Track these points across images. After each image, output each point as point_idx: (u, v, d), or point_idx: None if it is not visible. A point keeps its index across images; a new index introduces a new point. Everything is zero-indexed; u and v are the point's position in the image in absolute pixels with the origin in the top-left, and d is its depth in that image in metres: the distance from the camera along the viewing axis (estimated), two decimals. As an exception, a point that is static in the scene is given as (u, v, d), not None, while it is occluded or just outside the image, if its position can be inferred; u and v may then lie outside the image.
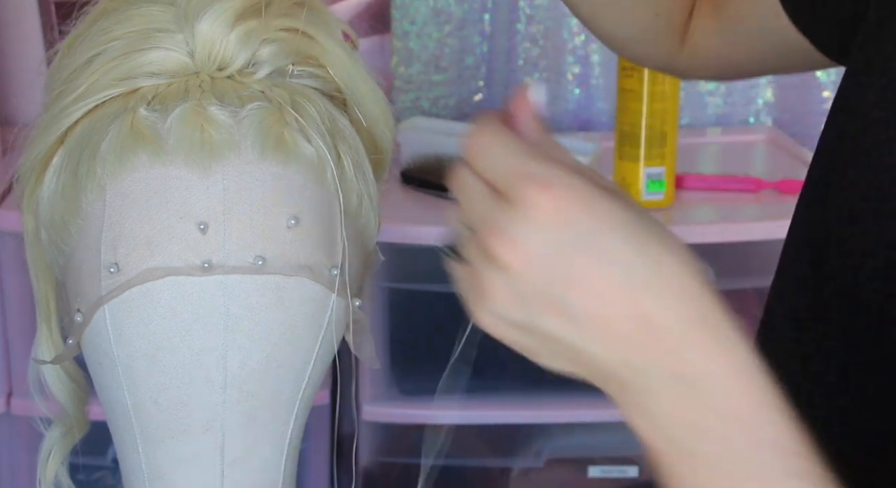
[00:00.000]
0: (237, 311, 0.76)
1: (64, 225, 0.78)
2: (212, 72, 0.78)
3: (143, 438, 0.79)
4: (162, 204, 0.75)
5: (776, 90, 2.07)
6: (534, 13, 2.01)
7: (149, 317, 0.76)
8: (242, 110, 0.76)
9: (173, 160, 0.75)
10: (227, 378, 0.77)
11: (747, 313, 1.77)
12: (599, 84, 2.05)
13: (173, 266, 0.75)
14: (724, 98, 2.08)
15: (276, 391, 0.78)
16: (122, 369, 0.77)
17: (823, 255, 0.85)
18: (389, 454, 1.79)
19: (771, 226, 1.74)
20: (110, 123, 0.76)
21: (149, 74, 0.78)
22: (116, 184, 0.76)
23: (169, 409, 0.77)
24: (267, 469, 0.80)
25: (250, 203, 0.76)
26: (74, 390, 0.87)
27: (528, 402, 1.79)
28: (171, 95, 0.77)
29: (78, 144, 0.78)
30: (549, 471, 1.78)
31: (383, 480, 1.81)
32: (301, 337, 0.78)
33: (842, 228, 0.83)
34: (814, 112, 2.09)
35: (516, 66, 2.04)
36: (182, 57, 0.78)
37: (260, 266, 0.75)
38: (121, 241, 0.76)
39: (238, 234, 0.75)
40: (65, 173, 0.78)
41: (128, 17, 0.79)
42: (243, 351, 0.77)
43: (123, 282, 0.75)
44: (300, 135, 0.77)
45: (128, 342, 0.76)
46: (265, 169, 0.76)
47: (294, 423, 0.80)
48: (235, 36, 0.78)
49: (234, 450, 0.78)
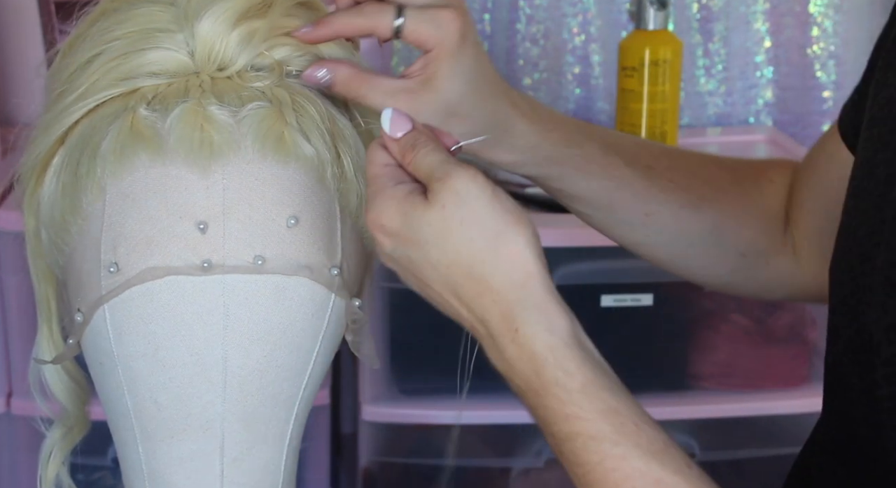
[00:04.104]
0: (237, 311, 0.76)
1: (64, 225, 0.78)
2: (212, 72, 0.78)
3: (143, 437, 0.79)
4: (162, 203, 0.75)
5: (776, 90, 2.07)
6: (534, 13, 2.01)
7: (149, 316, 0.76)
8: (242, 110, 0.76)
9: (173, 160, 0.75)
10: (227, 377, 0.77)
11: (747, 311, 1.77)
12: (599, 84, 2.05)
13: (173, 265, 0.75)
14: (724, 98, 2.07)
15: (276, 391, 0.78)
16: (121, 369, 0.77)
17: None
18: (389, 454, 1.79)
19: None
20: (110, 123, 0.76)
21: (149, 74, 0.78)
22: (116, 184, 0.76)
23: (169, 409, 0.77)
24: (267, 468, 0.80)
25: (250, 203, 0.76)
26: (75, 390, 0.87)
27: (528, 402, 1.78)
28: (171, 95, 0.77)
29: (78, 144, 0.78)
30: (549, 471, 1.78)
31: (383, 480, 1.81)
32: (301, 337, 0.78)
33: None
34: (814, 112, 2.09)
35: (516, 66, 2.04)
36: (182, 57, 0.78)
37: (259, 266, 0.76)
38: (121, 241, 0.76)
39: (238, 234, 0.75)
40: (65, 173, 0.78)
41: (128, 18, 0.79)
42: (243, 350, 0.77)
43: (123, 282, 0.75)
44: (300, 135, 0.77)
45: (127, 341, 0.76)
46: (265, 168, 0.76)
47: (294, 423, 0.80)
48: (236, 36, 0.78)
49: (233, 450, 0.78)
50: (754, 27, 2.03)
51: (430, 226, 0.71)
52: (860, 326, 0.78)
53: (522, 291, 0.71)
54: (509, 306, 0.71)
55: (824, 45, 2.03)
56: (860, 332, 0.78)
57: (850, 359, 0.80)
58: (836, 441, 0.86)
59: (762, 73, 2.06)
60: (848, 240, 0.82)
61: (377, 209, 0.73)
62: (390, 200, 0.72)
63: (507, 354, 0.71)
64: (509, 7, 2.01)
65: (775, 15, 2.03)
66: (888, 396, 0.75)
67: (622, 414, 0.70)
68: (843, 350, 0.82)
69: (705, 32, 2.04)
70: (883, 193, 0.79)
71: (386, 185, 0.73)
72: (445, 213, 0.71)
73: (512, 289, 0.71)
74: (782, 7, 2.02)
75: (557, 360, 0.70)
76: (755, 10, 2.02)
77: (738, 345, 1.78)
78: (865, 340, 0.77)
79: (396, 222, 0.72)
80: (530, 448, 1.78)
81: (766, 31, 2.04)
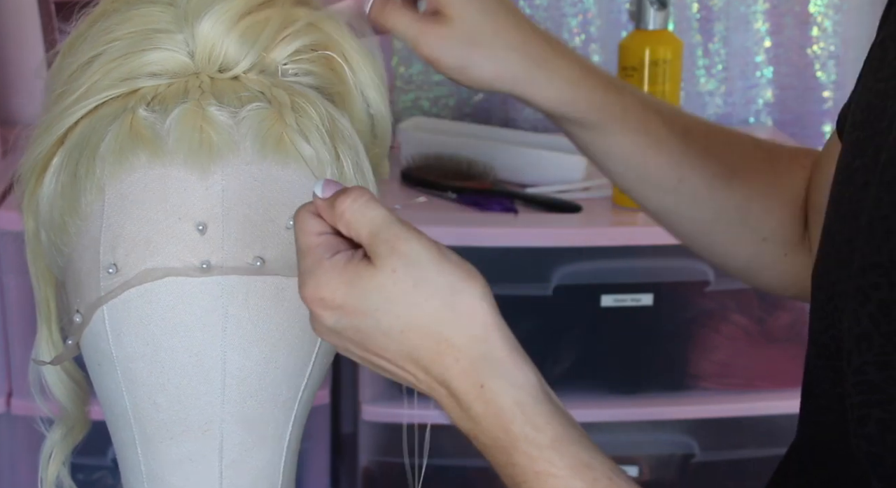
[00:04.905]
0: (236, 312, 0.76)
1: (63, 225, 0.78)
2: (212, 73, 0.78)
3: (142, 439, 0.79)
4: (161, 204, 0.75)
5: (776, 90, 2.07)
6: (534, 13, 2.01)
7: (147, 317, 0.76)
8: (242, 111, 0.76)
9: (172, 161, 0.75)
10: (226, 379, 0.77)
11: (747, 311, 1.77)
12: (599, 84, 2.05)
13: (172, 267, 0.75)
14: (724, 98, 2.07)
15: (275, 392, 0.78)
16: (120, 370, 0.77)
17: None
18: (389, 454, 1.79)
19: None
20: (110, 124, 0.76)
21: (149, 75, 0.78)
22: (115, 185, 0.76)
23: (167, 410, 0.77)
24: (265, 470, 0.80)
25: (249, 204, 0.75)
26: (75, 390, 0.87)
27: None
28: (171, 96, 0.77)
29: (77, 145, 0.78)
30: (549, 471, 1.78)
31: (383, 480, 1.81)
32: (300, 338, 0.78)
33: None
34: (814, 112, 2.09)
35: (516, 66, 2.04)
36: (182, 57, 0.78)
37: (259, 267, 0.75)
38: (120, 242, 0.76)
39: (237, 235, 0.75)
40: (64, 174, 0.78)
41: (128, 18, 0.79)
42: (242, 351, 0.76)
43: (122, 283, 0.75)
44: (299, 136, 0.77)
45: (126, 342, 0.76)
46: (264, 169, 0.76)
47: (293, 425, 0.80)
48: (236, 37, 0.78)
49: (232, 451, 0.78)
50: (754, 27, 2.03)
51: (380, 291, 0.68)
52: (835, 333, 0.77)
53: (485, 345, 0.68)
54: (472, 362, 0.68)
55: (824, 45, 2.03)
56: (834, 339, 0.77)
57: (824, 365, 0.80)
58: (811, 446, 0.85)
59: (762, 72, 2.05)
60: (827, 245, 0.82)
61: (315, 283, 0.69)
62: (331, 272, 0.68)
63: (473, 412, 0.69)
64: (509, 7, 2.01)
65: (775, 15, 2.03)
66: (858, 405, 0.74)
67: (595, 468, 0.68)
68: (818, 355, 0.82)
69: (705, 32, 2.03)
70: (860, 199, 0.78)
71: (322, 257, 0.69)
72: (397, 277, 0.68)
73: (474, 344, 0.68)
74: (782, 7, 2.02)
75: (526, 415, 0.68)
76: (755, 10, 2.02)
77: (737, 345, 1.78)
78: (839, 348, 0.77)
79: (340, 293, 0.68)
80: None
81: (766, 31, 2.04)
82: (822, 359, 0.80)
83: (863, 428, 0.73)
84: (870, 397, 0.73)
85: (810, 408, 0.85)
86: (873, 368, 0.73)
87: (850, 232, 0.78)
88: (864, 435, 0.73)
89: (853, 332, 0.74)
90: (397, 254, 0.68)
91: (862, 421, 0.73)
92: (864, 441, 0.73)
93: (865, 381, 0.73)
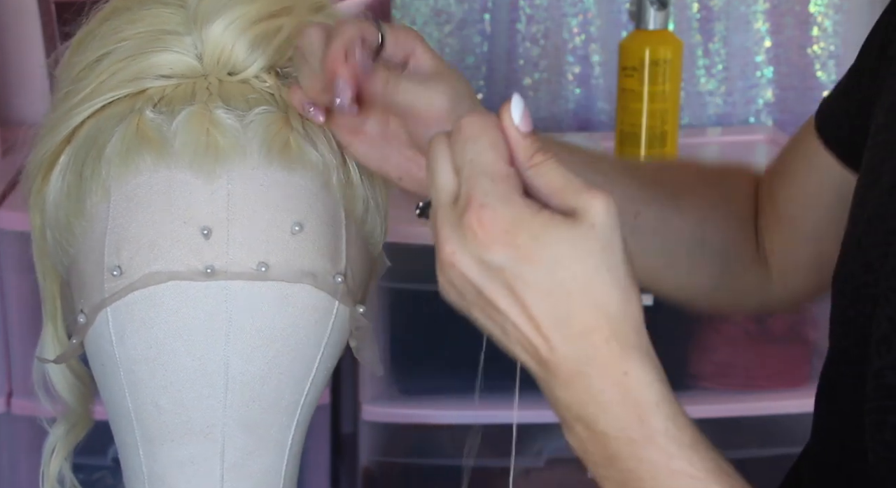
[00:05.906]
0: (239, 317, 0.76)
1: (69, 226, 0.78)
2: (221, 75, 0.78)
3: (144, 440, 0.79)
4: (166, 207, 0.75)
5: (776, 90, 2.07)
6: (534, 13, 2.01)
7: (151, 320, 0.76)
8: (249, 114, 0.76)
9: (178, 163, 0.75)
10: (229, 383, 0.77)
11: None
12: (599, 84, 2.05)
13: (176, 270, 0.75)
14: (724, 98, 2.07)
15: (278, 397, 0.78)
16: (123, 371, 0.77)
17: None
18: (389, 454, 1.79)
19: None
20: (116, 125, 0.76)
21: (157, 76, 0.77)
22: (121, 187, 0.76)
23: (169, 412, 0.77)
24: (267, 474, 0.79)
25: (254, 208, 0.75)
26: (79, 387, 0.87)
27: (528, 402, 1.79)
28: (178, 98, 0.77)
29: (84, 145, 0.78)
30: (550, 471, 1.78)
31: (383, 480, 1.81)
32: (304, 343, 0.77)
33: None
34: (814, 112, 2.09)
35: (516, 65, 2.04)
36: (190, 60, 0.77)
37: (263, 272, 0.75)
38: (124, 244, 0.75)
39: (241, 240, 0.75)
40: (70, 173, 0.78)
41: (139, 18, 0.78)
42: (245, 356, 0.76)
43: (126, 286, 0.75)
44: (306, 140, 0.77)
45: (129, 345, 0.76)
46: (270, 174, 0.76)
47: (295, 430, 0.80)
48: (246, 41, 0.77)
49: (233, 455, 0.78)
50: (754, 27, 2.03)
51: (571, 244, 0.63)
52: (859, 337, 0.77)
53: (639, 338, 0.66)
54: (623, 349, 0.65)
55: (824, 45, 2.03)
56: (858, 344, 0.77)
57: (845, 371, 0.80)
58: (825, 451, 0.85)
59: (762, 72, 2.05)
60: (852, 249, 0.81)
61: (505, 213, 0.63)
62: (525, 211, 0.64)
63: (604, 397, 0.65)
64: (509, 7, 2.01)
65: (775, 15, 2.03)
66: (874, 409, 0.74)
67: (734, 477, 0.67)
68: (838, 360, 0.82)
69: (705, 32, 2.03)
70: (888, 203, 0.78)
71: (514, 191, 0.64)
72: (595, 233, 0.64)
73: (634, 333, 0.66)
74: (782, 7, 2.02)
75: (671, 411, 0.66)
76: (755, 10, 2.02)
77: (738, 345, 1.78)
78: (861, 353, 0.77)
79: (526, 235, 0.63)
80: (531, 448, 1.78)
81: (766, 31, 2.04)
82: (843, 365, 0.80)
83: (880, 433, 0.73)
84: (887, 403, 0.73)
85: (826, 414, 0.85)
86: (891, 372, 0.73)
87: (879, 236, 0.78)
88: (880, 441, 0.73)
89: (875, 335, 0.74)
90: (600, 209, 0.64)
91: (878, 427, 0.73)
92: (880, 446, 0.73)
93: (883, 385, 0.73)
